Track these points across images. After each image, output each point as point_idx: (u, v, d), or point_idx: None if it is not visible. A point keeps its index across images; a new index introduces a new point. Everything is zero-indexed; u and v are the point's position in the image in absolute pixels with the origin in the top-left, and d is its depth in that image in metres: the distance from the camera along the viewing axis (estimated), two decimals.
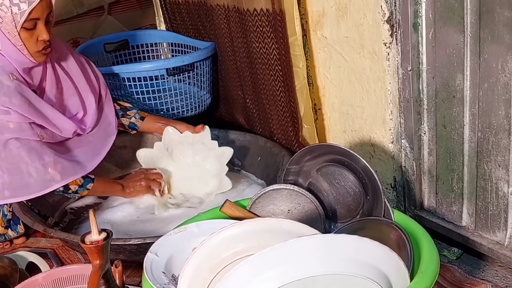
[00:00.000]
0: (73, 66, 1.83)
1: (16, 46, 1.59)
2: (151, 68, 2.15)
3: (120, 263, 1.24)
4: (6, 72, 1.58)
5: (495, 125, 1.37)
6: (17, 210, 1.73)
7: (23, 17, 1.54)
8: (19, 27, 1.56)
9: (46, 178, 1.63)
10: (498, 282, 1.47)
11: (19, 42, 1.58)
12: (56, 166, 1.64)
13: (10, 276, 1.53)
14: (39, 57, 1.64)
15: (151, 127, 1.99)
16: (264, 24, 1.88)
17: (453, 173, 1.53)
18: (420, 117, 1.56)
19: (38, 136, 1.64)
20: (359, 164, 1.35)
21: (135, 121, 1.97)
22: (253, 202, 1.43)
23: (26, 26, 1.57)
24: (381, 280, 1.04)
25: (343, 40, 1.67)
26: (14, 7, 1.53)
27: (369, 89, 1.66)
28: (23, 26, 1.56)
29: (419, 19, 1.45)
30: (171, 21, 2.58)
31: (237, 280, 1.01)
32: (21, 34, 1.57)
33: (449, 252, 1.60)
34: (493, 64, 1.32)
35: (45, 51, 1.64)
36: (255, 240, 1.13)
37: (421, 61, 1.49)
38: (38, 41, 1.60)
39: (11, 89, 1.57)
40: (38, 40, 1.60)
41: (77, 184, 1.70)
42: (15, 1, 1.53)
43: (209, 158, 1.94)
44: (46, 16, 1.60)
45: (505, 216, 1.44)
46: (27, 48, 1.60)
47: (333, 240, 1.06)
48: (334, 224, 1.44)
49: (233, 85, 2.26)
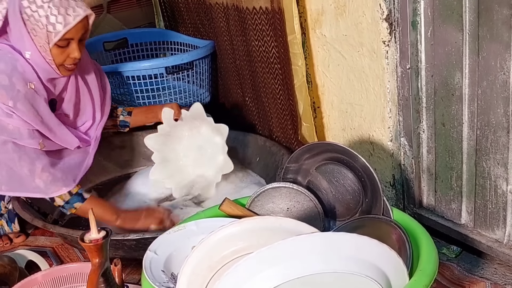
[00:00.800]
0: (92, 79, 1.84)
1: (46, 59, 1.60)
2: (150, 66, 2.15)
3: (119, 261, 1.24)
4: (24, 80, 1.59)
5: (493, 123, 1.37)
6: (17, 207, 1.73)
7: (57, 37, 1.56)
8: (51, 45, 1.57)
9: (32, 185, 1.62)
10: (497, 280, 1.47)
11: (49, 56, 1.60)
12: (42, 175, 1.62)
13: (10, 274, 1.53)
14: (65, 72, 1.66)
15: (140, 119, 1.99)
16: (263, 23, 1.87)
17: (452, 171, 1.53)
18: (419, 115, 1.56)
19: (39, 145, 1.64)
20: (358, 162, 1.35)
21: (124, 118, 1.97)
22: (252, 200, 1.44)
23: (59, 44, 1.58)
24: (380, 278, 1.04)
25: (342, 38, 1.68)
26: (49, 26, 1.54)
27: (368, 87, 1.66)
28: (56, 44, 1.57)
29: (418, 17, 1.45)
30: (170, 19, 2.58)
31: (236, 278, 1.02)
32: (52, 51, 1.59)
33: (448, 250, 1.60)
34: (492, 62, 1.32)
35: (71, 67, 1.66)
36: (254, 239, 1.13)
37: (420, 59, 1.49)
38: (69, 57, 1.62)
39: (20, 94, 1.57)
40: (69, 57, 1.62)
41: (63, 199, 1.66)
42: (52, 20, 1.54)
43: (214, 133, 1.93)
44: (81, 35, 1.61)
45: (504, 214, 1.44)
46: (56, 63, 1.61)
47: (332, 238, 1.06)
48: (333, 222, 1.45)
49: (232, 83, 2.26)
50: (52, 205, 1.69)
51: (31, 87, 1.60)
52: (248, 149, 2.11)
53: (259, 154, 2.07)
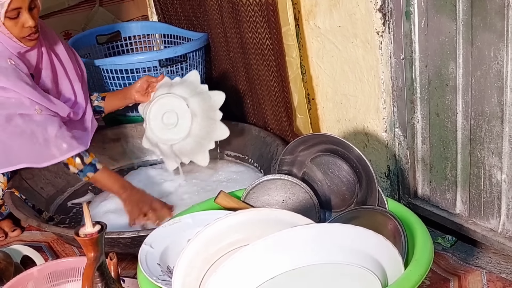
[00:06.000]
0: (63, 54, 1.87)
1: (4, 34, 1.64)
2: (143, 59, 2.14)
3: (115, 255, 1.24)
4: (3, 57, 1.64)
5: (488, 113, 1.38)
6: (11, 205, 1.72)
7: (3, 9, 1.59)
8: (2, 18, 1.60)
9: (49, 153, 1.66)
10: (492, 269, 1.48)
11: (5, 30, 1.63)
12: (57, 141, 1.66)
13: (5, 270, 1.53)
14: (27, 42, 1.69)
15: (115, 103, 1.98)
16: (257, 14, 1.87)
17: (446, 161, 1.54)
18: (413, 106, 1.56)
19: (36, 110, 1.67)
20: (353, 153, 1.35)
21: (99, 103, 1.97)
22: (247, 192, 1.44)
23: (10, 16, 1.61)
24: (376, 269, 1.05)
25: (336, 29, 1.67)
26: None
27: (362, 78, 1.66)
28: (7, 16, 1.60)
29: (411, 7, 1.45)
30: (163, 12, 2.57)
31: (232, 271, 1.02)
32: (5, 24, 1.62)
33: (443, 239, 1.61)
34: (486, 52, 1.32)
35: (31, 36, 1.67)
36: (249, 231, 1.14)
37: (414, 49, 1.49)
38: (24, 27, 1.64)
39: (9, 70, 1.63)
40: (24, 27, 1.64)
41: (77, 168, 1.71)
42: None
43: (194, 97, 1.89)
44: (28, 4, 1.63)
45: (499, 203, 1.44)
46: (14, 35, 1.64)
47: (328, 229, 1.06)
48: (329, 214, 1.45)
49: (226, 75, 2.26)
50: (47, 200, 1.69)
51: (11, 62, 1.65)
52: (243, 140, 2.10)
53: (253, 145, 2.06)
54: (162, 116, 1.89)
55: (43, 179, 1.94)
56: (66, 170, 1.76)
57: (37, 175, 1.91)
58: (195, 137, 1.87)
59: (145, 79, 1.92)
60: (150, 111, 1.91)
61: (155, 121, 1.91)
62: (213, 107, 1.88)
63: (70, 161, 1.70)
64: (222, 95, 1.88)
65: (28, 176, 1.87)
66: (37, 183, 1.92)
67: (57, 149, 1.67)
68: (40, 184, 1.93)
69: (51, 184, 1.97)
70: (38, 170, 1.87)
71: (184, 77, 1.92)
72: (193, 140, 1.88)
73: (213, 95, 1.89)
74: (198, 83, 1.90)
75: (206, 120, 1.87)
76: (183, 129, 1.86)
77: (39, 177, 1.92)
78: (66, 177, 2.01)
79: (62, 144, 1.67)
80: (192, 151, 1.89)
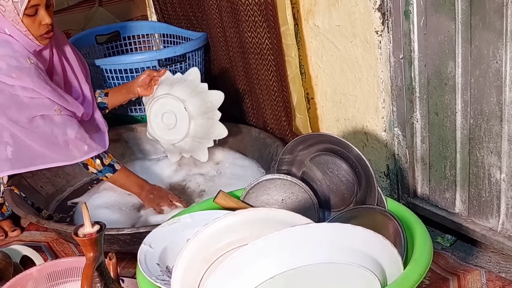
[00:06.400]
0: (70, 53, 1.89)
1: (22, 32, 1.65)
2: (143, 59, 2.15)
3: (114, 255, 1.24)
4: (23, 57, 1.66)
5: (487, 112, 1.38)
6: (11, 202, 1.72)
7: (23, 5, 1.61)
8: (21, 15, 1.62)
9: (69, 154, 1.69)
10: (491, 268, 1.48)
11: (23, 28, 1.65)
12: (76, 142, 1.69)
13: (4, 270, 1.53)
14: (43, 40, 1.70)
15: (118, 99, 1.99)
16: (256, 14, 1.87)
17: (445, 161, 1.54)
18: (412, 105, 1.56)
19: (55, 111, 1.69)
20: (352, 152, 1.35)
21: (102, 99, 1.98)
22: (246, 192, 1.43)
23: (28, 13, 1.63)
24: (375, 268, 1.05)
25: (335, 28, 1.67)
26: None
27: (361, 77, 1.66)
28: (25, 13, 1.62)
29: (410, 6, 1.45)
30: (163, 11, 2.56)
31: (231, 270, 1.02)
32: (24, 21, 1.64)
33: (442, 239, 1.61)
34: (485, 51, 1.32)
35: (48, 34, 1.70)
36: (248, 230, 1.14)
37: (413, 48, 1.49)
38: (41, 25, 1.67)
39: (32, 70, 1.65)
40: (41, 25, 1.67)
41: (96, 168, 1.75)
42: None
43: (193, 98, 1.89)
44: (46, 1, 1.66)
45: (498, 203, 1.44)
46: (32, 33, 1.66)
47: (327, 229, 1.06)
48: (328, 213, 1.45)
49: (225, 75, 2.26)
50: (46, 198, 1.70)
51: (31, 62, 1.67)
52: (242, 141, 2.10)
53: (253, 146, 2.07)
54: (162, 116, 1.92)
55: (42, 178, 1.95)
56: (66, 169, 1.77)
57: (37, 173, 1.91)
58: (194, 138, 1.90)
59: (147, 73, 1.94)
60: (151, 110, 1.93)
61: (156, 120, 1.93)
62: (212, 107, 1.88)
63: (90, 162, 1.74)
64: (221, 95, 1.89)
65: (28, 174, 1.87)
66: (37, 181, 1.92)
67: (78, 151, 1.70)
68: (39, 183, 1.93)
69: (51, 183, 1.98)
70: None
71: (185, 74, 1.92)
72: (192, 140, 1.91)
73: (212, 94, 1.89)
74: (198, 82, 1.90)
75: (205, 121, 1.88)
76: (181, 130, 1.89)
77: (38, 175, 1.93)
78: (66, 177, 2.02)
79: (83, 146, 1.71)
80: (191, 149, 1.94)
